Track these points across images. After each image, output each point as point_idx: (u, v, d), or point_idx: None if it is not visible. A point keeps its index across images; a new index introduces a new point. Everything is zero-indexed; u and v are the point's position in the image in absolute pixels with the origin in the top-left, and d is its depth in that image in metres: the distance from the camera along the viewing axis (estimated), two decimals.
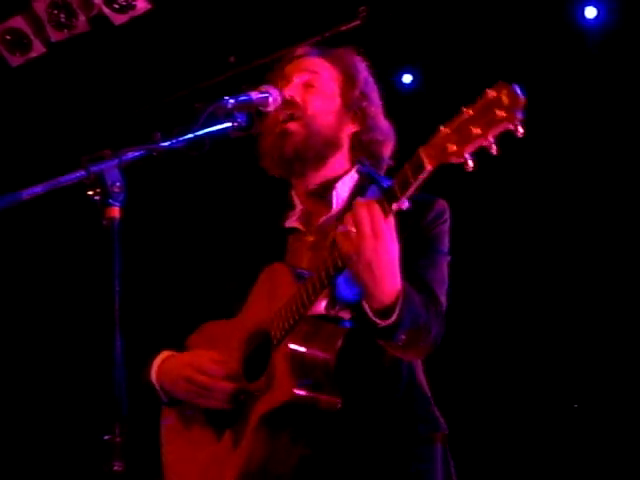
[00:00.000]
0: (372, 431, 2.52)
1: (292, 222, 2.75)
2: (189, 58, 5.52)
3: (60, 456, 5.83)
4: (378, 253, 2.20)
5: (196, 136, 2.39)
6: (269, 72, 2.85)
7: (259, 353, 2.55)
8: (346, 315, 2.48)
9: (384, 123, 2.79)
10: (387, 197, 2.21)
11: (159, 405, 2.79)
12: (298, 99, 2.69)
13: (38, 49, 5.62)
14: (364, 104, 2.74)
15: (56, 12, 5.49)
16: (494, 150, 2.04)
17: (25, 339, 6.01)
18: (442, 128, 2.12)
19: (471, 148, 2.07)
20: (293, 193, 2.80)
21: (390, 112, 2.86)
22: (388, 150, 2.78)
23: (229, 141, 2.53)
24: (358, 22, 4.87)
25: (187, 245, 5.50)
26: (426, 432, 2.58)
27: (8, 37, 5.61)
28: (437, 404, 2.66)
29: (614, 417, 4.89)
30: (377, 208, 2.20)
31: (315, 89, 2.72)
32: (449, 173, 2.79)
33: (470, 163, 2.06)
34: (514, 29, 5.07)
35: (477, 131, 2.04)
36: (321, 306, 2.46)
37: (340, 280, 2.41)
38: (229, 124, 2.49)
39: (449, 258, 2.64)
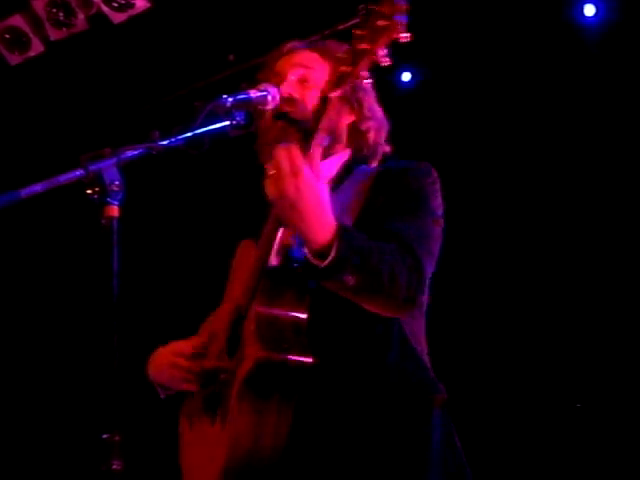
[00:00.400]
0: (362, 395, 2.48)
1: None
2: (188, 57, 5.51)
3: (59, 455, 5.82)
4: (300, 191, 2.18)
5: (195, 134, 2.39)
6: (260, 71, 2.84)
7: (236, 330, 2.53)
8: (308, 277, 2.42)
9: (378, 110, 2.80)
10: (304, 135, 2.30)
11: (163, 402, 2.80)
12: (296, 96, 2.69)
13: (37, 48, 5.62)
14: (359, 95, 2.73)
15: (55, 10, 5.49)
16: (385, 62, 2.14)
17: (24, 338, 6.01)
18: (337, 55, 2.26)
19: (363, 66, 2.16)
20: None
21: (389, 110, 2.86)
22: (383, 136, 2.80)
23: (227, 139, 2.54)
24: (357, 20, 4.87)
25: (186, 243, 5.50)
26: (422, 395, 2.52)
27: (7, 36, 5.61)
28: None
29: (616, 413, 4.90)
30: (294, 148, 2.19)
31: (311, 84, 2.71)
32: (449, 172, 2.81)
33: (368, 80, 2.17)
34: (513, 27, 5.07)
35: (365, 46, 2.13)
36: (274, 263, 2.44)
37: (296, 241, 2.40)
38: (228, 122, 2.49)
39: (440, 221, 2.58)
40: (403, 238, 2.44)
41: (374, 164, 2.77)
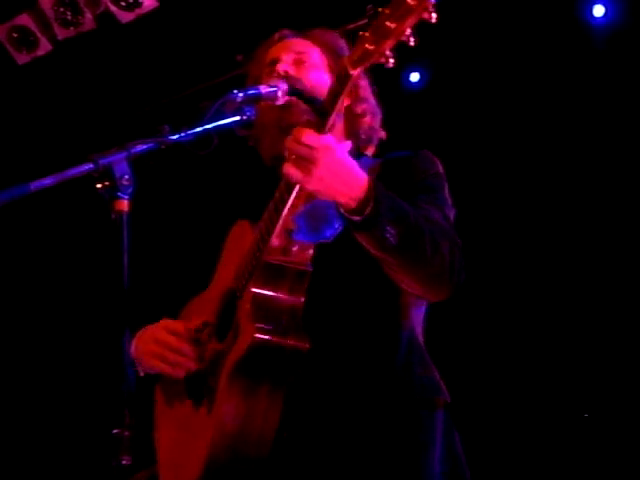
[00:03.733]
0: (362, 388, 2.43)
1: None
2: (195, 56, 5.51)
3: (69, 450, 5.83)
4: (325, 163, 2.17)
5: (205, 129, 2.38)
6: (248, 64, 2.84)
7: (229, 312, 2.48)
8: (307, 255, 2.40)
9: (372, 96, 2.77)
10: (320, 114, 2.20)
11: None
12: (292, 73, 2.67)
13: (45, 47, 5.62)
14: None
15: (62, 10, 5.49)
16: (412, 42, 2.02)
17: (34, 332, 6.02)
18: (361, 33, 2.09)
19: (389, 44, 2.03)
20: None
21: (398, 110, 2.86)
22: (378, 120, 2.76)
23: (235, 137, 2.53)
24: (365, 20, 4.86)
25: (196, 237, 5.49)
26: (426, 395, 2.48)
27: (15, 35, 5.61)
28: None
29: (618, 415, 4.88)
30: (306, 130, 2.18)
31: (307, 64, 2.71)
32: (458, 171, 2.80)
33: (391, 60, 2.03)
34: (522, 27, 5.07)
35: (392, 25, 2.00)
36: (275, 244, 2.38)
37: (298, 223, 2.39)
38: (238, 118, 2.48)
39: (453, 210, 2.55)
40: (432, 217, 2.39)
41: (370, 151, 2.75)
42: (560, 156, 5.09)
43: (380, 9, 2.03)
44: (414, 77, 5.49)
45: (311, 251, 2.41)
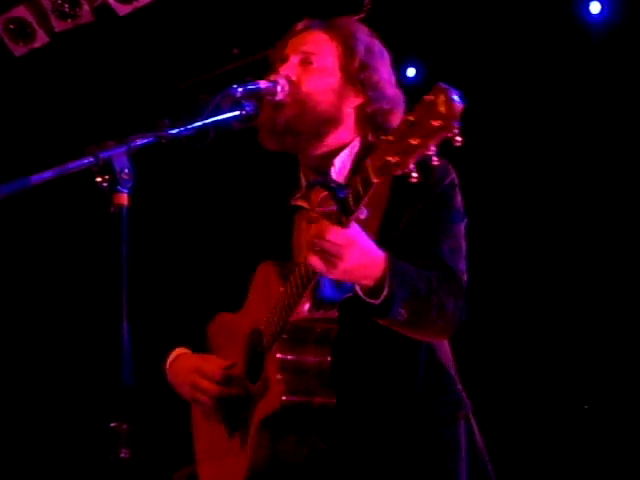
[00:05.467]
0: (387, 424, 2.52)
1: (297, 200, 2.73)
2: (193, 49, 5.51)
3: (67, 444, 5.83)
4: (351, 258, 2.21)
5: (205, 124, 2.39)
6: (272, 50, 2.82)
7: (258, 352, 2.57)
8: (333, 314, 2.47)
9: (391, 91, 2.73)
10: (343, 210, 2.21)
11: (170, 392, 2.81)
12: (293, 77, 2.65)
13: (42, 39, 5.60)
14: (365, 75, 2.68)
15: (60, 2, 5.48)
16: (435, 161, 1.99)
17: (33, 326, 6.01)
18: (384, 137, 2.07)
19: (413, 160, 2.01)
20: (300, 171, 2.78)
21: None
22: (396, 119, 2.68)
23: (233, 131, 2.53)
24: (362, 15, 4.86)
25: (196, 232, 5.50)
26: (446, 414, 2.57)
27: (12, 27, 5.59)
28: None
29: (621, 413, 4.90)
30: (331, 227, 2.20)
31: (313, 66, 2.68)
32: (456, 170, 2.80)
33: (414, 174, 2.01)
34: (518, 24, 5.07)
35: (416, 142, 1.97)
36: (305, 308, 2.44)
37: (323, 281, 2.41)
38: (237, 112, 2.49)
39: (464, 221, 2.59)
40: (442, 260, 2.47)
41: None
42: (557, 153, 5.09)
43: (405, 116, 2.02)
44: (410, 72, 5.49)
45: (335, 313, 2.46)
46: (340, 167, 2.67)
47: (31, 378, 5.97)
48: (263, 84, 2.57)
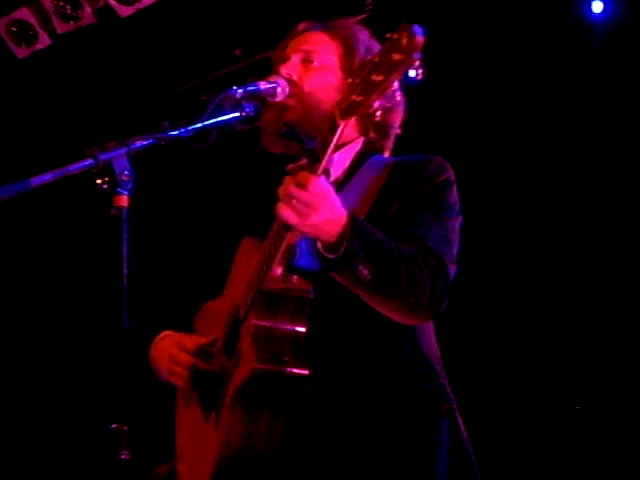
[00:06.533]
0: (364, 407, 2.47)
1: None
2: (195, 50, 5.51)
3: (68, 445, 5.84)
4: (322, 212, 2.20)
5: (205, 125, 2.39)
6: (274, 52, 2.83)
7: (234, 330, 2.55)
8: (308, 286, 2.43)
9: (391, 90, 2.74)
10: (311, 159, 2.24)
11: (170, 392, 2.81)
12: (295, 77, 2.67)
13: (44, 41, 5.61)
14: (365, 72, 2.71)
15: (62, 4, 5.48)
16: (397, 96, 2.12)
17: (34, 328, 6.02)
18: (349, 80, 2.12)
19: (376, 96, 2.07)
20: None
21: None
22: (397, 117, 2.73)
23: (235, 132, 2.53)
24: (365, 14, 4.87)
25: (196, 232, 5.50)
26: (428, 406, 2.51)
27: (14, 29, 5.60)
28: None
29: (616, 415, 4.89)
30: (313, 177, 2.21)
31: (314, 65, 2.70)
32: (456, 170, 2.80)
33: (378, 113, 2.08)
34: (520, 23, 5.06)
35: (379, 78, 2.03)
36: (277, 272, 2.41)
37: (299, 249, 2.40)
38: (237, 114, 2.49)
39: (458, 218, 2.57)
40: (427, 245, 2.42)
41: (387, 152, 2.75)
42: (558, 153, 5.08)
43: (369, 60, 2.07)
44: (411, 72, 5.48)
45: (310, 285, 2.43)
46: (338, 162, 2.67)
47: (32, 380, 5.98)
48: (263, 85, 2.58)
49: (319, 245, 2.27)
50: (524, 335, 5.05)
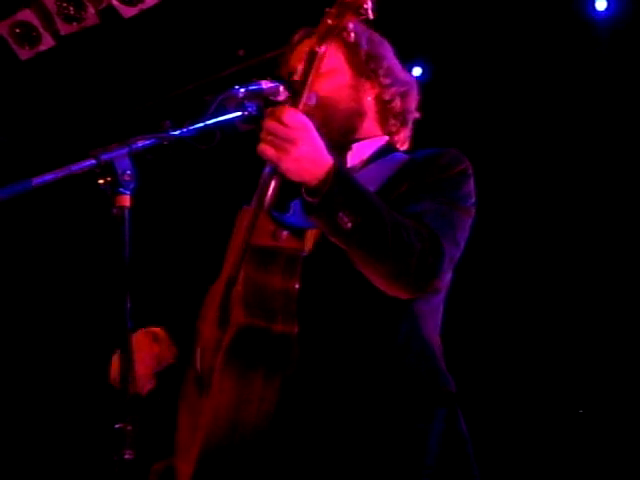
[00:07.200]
0: (353, 385, 2.39)
1: None
2: (198, 51, 5.52)
3: (72, 445, 5.85)
4: (302, 147, 2.20)
5: (207, 125, 2.38)
6: (277, 69, 2.83)
7: (227, 300, 2.44)
8: (299, 245, 2.36)
9: (401, 74, 2.76)
10: (293, 91, 2.33)
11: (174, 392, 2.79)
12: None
13: (47, 42, 5.62)
14: (374, 64, 2.71)
15: (65, 5, 5.49)
16: (370, 15, 2.30)
17: (36, 328, 6.04)
18: (326, 10, 2.36)
19: (348, 18, 2.32)
20: None
21: None
22: (412, 100, 2.75)
23: (238, 133, 2.53)
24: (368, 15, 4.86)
25: (198, 232, 5.51)
26: (426, 387, 2.43)
27: (17, 30, 5.61)
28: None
29: (617, 417, 4.89)
30: (283, 108, 2.23)
31: (321, 70, 2.60)
32: None
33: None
34: (524, 21, 5.07)
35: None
36: (268, 226, 2.34)
37: (293, 208, 2.39)
38: (239, 113, 2.49)
39: (469, 210, 2.53)
40: (422, 218, 2.36)
41: (406, 143, 2.75)
42: (562, 151, 5.09)
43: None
44: (416, 71, 5.49)
45: (302, 241, 2.37)
46: (357, 152, 2.66)
47: (36, 380, 5.99)
48: (265, 84, 2.57)
49: (302, 190, 2.24)
50: (528, 339, 5.06)
